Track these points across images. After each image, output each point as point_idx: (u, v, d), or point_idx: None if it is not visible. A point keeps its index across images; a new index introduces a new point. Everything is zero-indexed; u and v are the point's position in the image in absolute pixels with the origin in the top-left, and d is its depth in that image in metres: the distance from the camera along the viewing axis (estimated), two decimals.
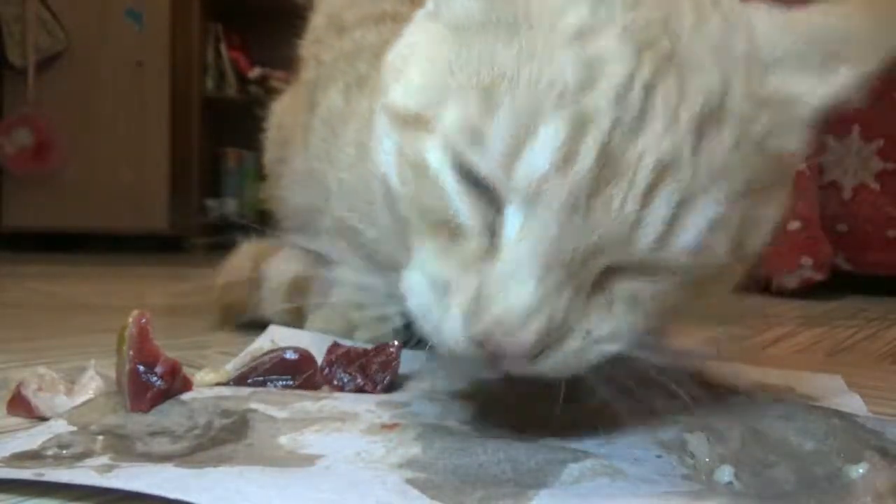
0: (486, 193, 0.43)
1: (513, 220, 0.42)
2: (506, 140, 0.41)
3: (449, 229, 0.44)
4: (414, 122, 0.46)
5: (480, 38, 0.44)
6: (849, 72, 0.44)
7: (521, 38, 0.42)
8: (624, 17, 0.42)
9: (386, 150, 0.48)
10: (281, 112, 1.07)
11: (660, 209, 0.40)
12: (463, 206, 0.43)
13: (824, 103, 0.45)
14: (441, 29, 0.48)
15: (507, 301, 0.40)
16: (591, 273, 0.43)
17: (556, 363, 0.43)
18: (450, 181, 0.44)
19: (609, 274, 0.43)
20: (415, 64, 0.48)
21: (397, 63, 0.50)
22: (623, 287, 0.44)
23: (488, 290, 0.41)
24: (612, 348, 0.45)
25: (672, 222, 0.41)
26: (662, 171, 0.40)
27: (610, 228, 0.40)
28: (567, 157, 0.39)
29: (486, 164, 0.42)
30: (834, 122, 0.47)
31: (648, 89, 0.40)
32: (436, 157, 0.44)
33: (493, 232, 0.43)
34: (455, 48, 0.45)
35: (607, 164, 0.40)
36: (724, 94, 0.42)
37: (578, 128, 0.39)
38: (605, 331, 0.44)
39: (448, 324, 0.43)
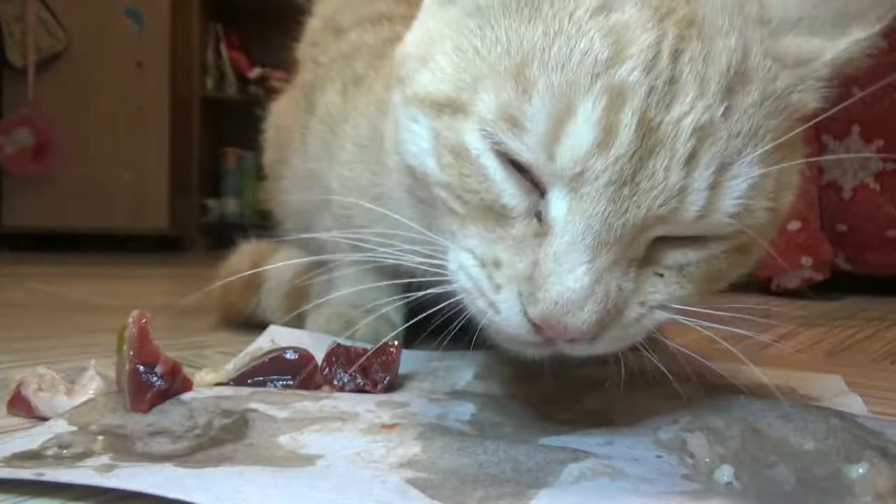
0: (529, 176, 0.43)
1: (559, 202, 0.42)
2: (544, 122, 0.41)
3: (494, 213, 0.44)
4: (449, 108, 0.46)
5: (502, 20, 0.44)
6: (858, 31, 0.45)
7: (544, 17, 0.42)
8: None
9: (417, 137, 0.48)
10: (279, 113, 1.07)
11: (703, 175, 0.41)
12: (507, 189, 0.44)
13: (838, 61, 0.45)
14: (458, 14, 0.48)
15: (563, 284, 0.40)
16: (640, 246, 0.43)
17: (614, 338, 0.44)
18: (492, 165, 0.44)
19: (657, 246, 0.44)
20: (441, 52, 0.48)
21: (416, 53, 0.50)
22: (671, 258, 0.45)
23: (542, 273, 0.41)
24: (665, 315, 0.45)
25: (715, 188, 0.41)
26: (700, 136, 0.40)
27: (657, 200, 0.41)
28: (607, 132, 0.40)
29: (527, 150, 0.42)
30: (834, 123, 0.48)
31: (675, 56, 0.41)
32: (475, 142, 0.44)
33: (538, 213, 0.43)
34: (479, 33, 0.46)
35: (646, 137, 0.40)
36: (745, 54, 0.43)
37: (615, 100, 0.40)
38: (658, 299, 0.45)
39: (504, 304, 0.43)
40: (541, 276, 0.41)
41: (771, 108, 0.43)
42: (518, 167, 0.43)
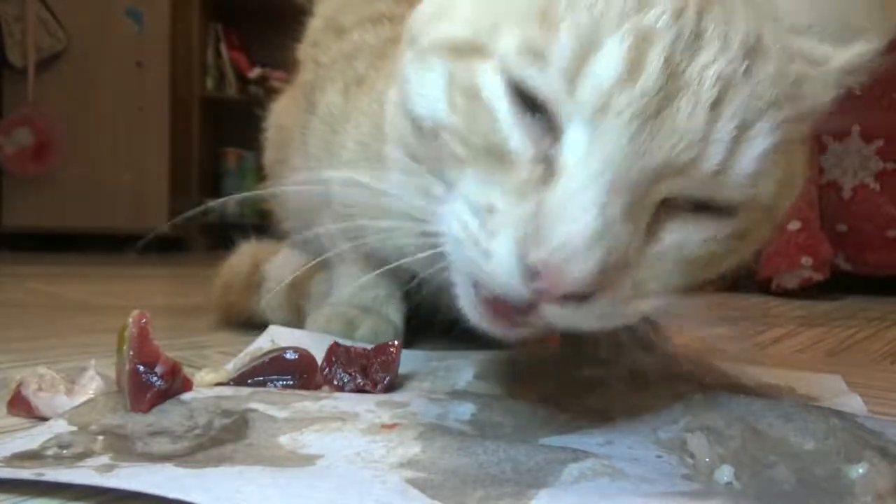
0: (543, 120, 0.42)
1: (576, 139, 0.41)
2: (569, 55, 0.40)
3: (497, 157, 0.44)
4: (467, 49, 0.46)
5: None
6: (863, 45, 0.45)
7: None
8: None
9: (429, 85, 0.48)
10: (279, 113, 1.07)
11: (726, 127, 0.41)
12: (517, 131, 0.43)
13: (847, 68, 0.46)
14: None
15: (572, 224, 0.38)
16: (650, 204, 0.42)
17: (599, 311, 0.42)
18: (504, 105, 0.43)
19: (661, 216, 0.43)
20: (461, 2, 0.48)
21: (430, 10, 0.51)
22: (673, 233, 0.44)
23: (548, 213, 0.39)
24: (649, 307, 0.44)
25: (735, 144, 0.41)
26: (724, 86, 0.41)
27: (679, 144, 0.40)
28: (633, 68, 0.40)
29: (548, 83, 0.41)
30: (834, 123, 0.48)
31: (700, 14, 0.41)
32: (490, 82, 0.44)
33: (546, 161, 0.42)
34: None
35: (671, 79, 0.40)
36: (760, 33, 0.43)
37: (642, 40, 0.40)
38: (651, 285, 0.44)
39: (498, 250, 0.41)
40: (546, 216, 0.39)
41: (785, 89, 0.43)
42: (533, 109, 0.43)
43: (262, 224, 1.12)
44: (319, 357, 0.60)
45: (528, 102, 0.43)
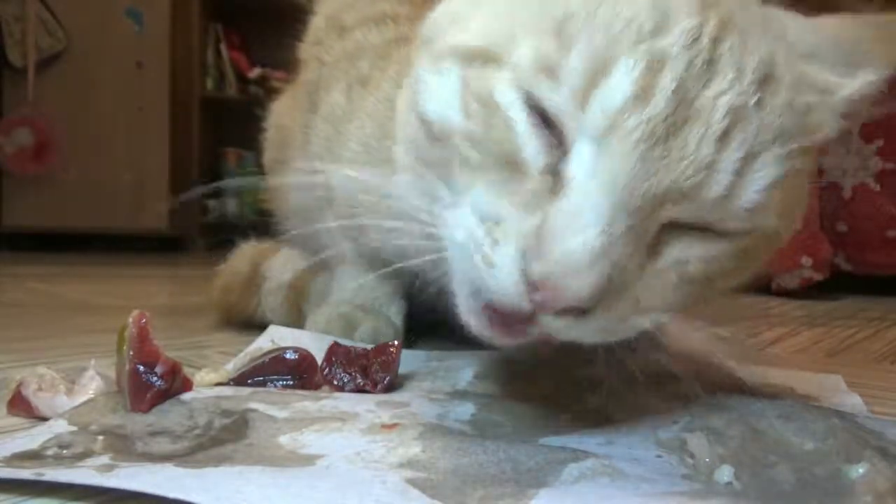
0: (554, 133, 0.43)
1: (583, 156, 0.41)
2: (581, 74, 0.41)
3: (508, 167, 0.44)
4: (482, 58, 0.46)
5: None
6: (867, 76, 0.46)
7: None
8: None
9: (443, 89, 0.48)
10: (280, 113, 1.07)
11: (732, 157, 0.41)
12: (530, 141, 0.43)
13: (854, 97, 0.46)
14: None
15: (574, 241, 0.39)
16: (653, 226, 0.42)
17: (598, 326, 0.43)
18: (519, 117, 0.43)
19: (664, 235, 0.43)
20: (478, 10, 0.48)
21: (448, 13, 0.51)
22: (675, 251, 0.44)
23: (551, 227, 0.40)
24: (649, 322, 0.45)
25: (740, 174, 0.41)
26: (734, 118, 0.41)
27: (685, 172, 0.40)
28: (643, 93, 0.40)
29: (559, 99, 0.42)
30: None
31: (715, 42, 0.42)
32: (506, 92, 0.44)
33: (555, 174, 0.42)
34: None
35: (681, 106, 0.40)
36: (774, 61, 0.43)
37: (654, 66, 0.40)
38: (651, 302, 0.44)
39: (501, 260, 0.41)
40: (549, 231, 0.40)
41: (794, 119, 0.43)
42: (545, 121, 0.43)
43: (262, 224, 1.12)
44: (319, 357, 0.60)
45: (541, 114, 0.43)
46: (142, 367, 0.50)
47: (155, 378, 0.50)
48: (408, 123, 0.54)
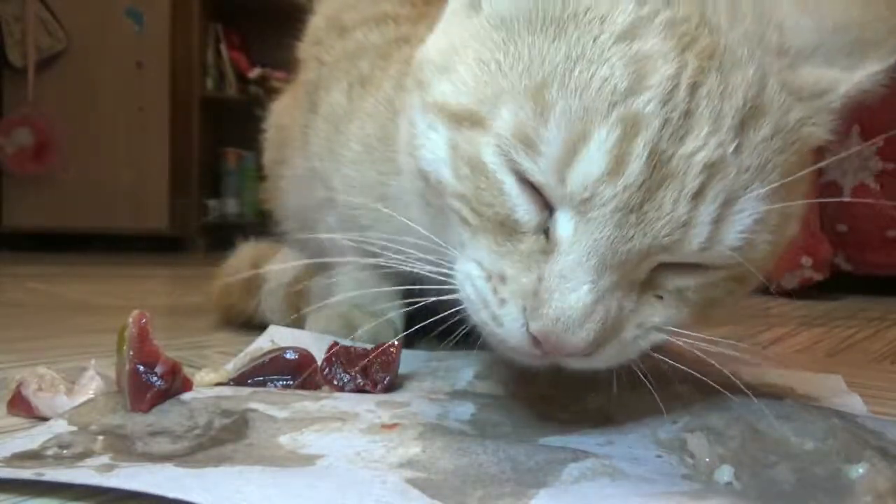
0: (540, 194, 0.44)
1: (566, 223, 0.43)
2: (558, 147, 0.41)
3: (504, 225, 0.45)
4: (469, 120, 0.46)
5: (527, 36, 0.45)
6: (874, 64, 0.45)
7: (568, 39, 0.43)
8: (665, 12, 0.42)
9: (434, 145, 0.48)
10: (280, 113, 1.07)
11: (708, 209, 0.41)
12: (521, 204, 0.44)
13: (852, 93, 0.46)
14: (483, 24, 0.48)
15: (565, 302, 0.41)
16: (643, 271, 0.44)
17: (609, 356, 0.45)
18: (508, 181, 0.44)
19: (659, 270, 0.45)
20: (462, 62, 0.48)
21: (438, 59, 0.50)
22: (671, 282, 0.46)
23: (545, 289, 0.42)
24: (661, 336, 0.47)
25: (719, 222, 0.42)
26: (710, 173, 0.41)
27: (662, 231, 0.41)
28: (619, 161, 0.40)
29: (539, 172, 0.43)
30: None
31: (693, 89, 0.41)
32: (492, 157, 0.45)
33: (546, 231, 0.44)
34: (503, 47, 0.46)
35: (656, 169, 0.41)
36: (762, 87, 0.43)
37: (629, 131, 0.40)
38: (655, 320, 0.46)
39: (507, 317, 0.44)
40: (544, 292, 0.42)
41: (781, 143, 0.43)
42: (531, 185, 0.44)
43: (261, 224, 1.12)
44: (319, 357, 0.60)
45: (526, 179, 0.44)
46: (142, 367, 0.50)
47: (155, 378, 0.50)
48: (408, 164, 0.55)
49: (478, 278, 0.46)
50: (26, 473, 0.39)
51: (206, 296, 1.05)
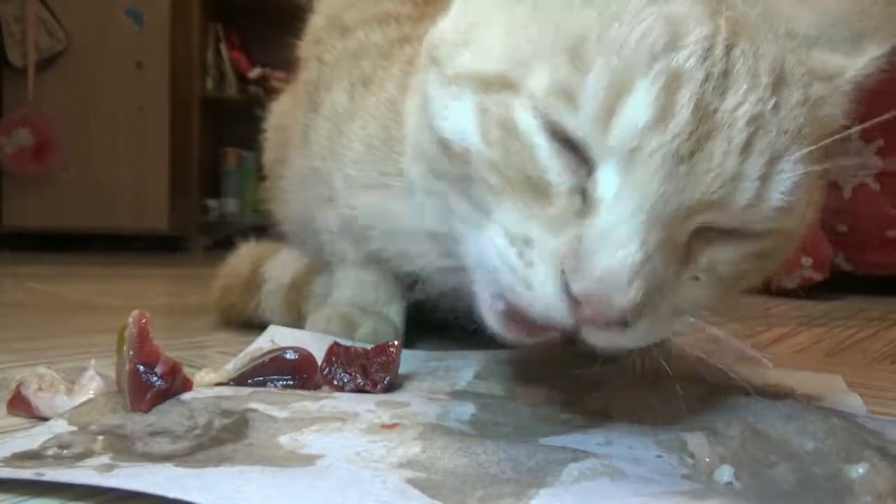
0: (578, 154, 0.43)
1: (610, 178, 0.42)
2: (600, 98, 0.41)
3: (534, 188, 0.44)
4: (498, 84, 0.46)
5: (554, 2, 0.45)
6: (874, 49, 0.46)
7: (597, 1, 0.43)
8: None
9: (459, 113, 0.48)
10: (280, 113, 1.07)
11: (757, 164, 0.42)
12: (554, 166, 0.44)
13: (858, 78, 0.47)
14: None
15: (613, 257, 0.40)
16: (685, 235, 0.43)
17: (642, 332, 0.44)
18: (541, 142, 0.44)
19: (696, 239, 0.44)
20: (488, 32, 0.48)
21: (457, 36, 0.51)
22: (707, 255, 0.45)
23: (589, 246, 0.41)
24: (688, 321, 0.46)
25: (765, 180, 0.42)
26: (755, 127, 0.41)
27: (713, 184, 0.41)
28: (664, 112, 0.40)
29: (580, 125, 0.42)
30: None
31: (729, 50, 0.42)
32: (525, 119, 0.44)
33: (582, 193, 0.43)
34: (531, 14, 0.46)
35: (702, 121, 0.41)
36: (783, 59, 0.44)
37: (672, 83, 0.40)
38: (686, 305, 0.45)
39: (538, 281, 0.43)
40: (588, 250, 0.41)
41: (809, 115, 0.44)
42: (567, 144, 0.43)
43: (262, 224, 1.12)
44: (319, 357, 0.60)
45: (562, 138, 0.43)
46: (142, 367, 0.50)
47: (155, 378, 0.50)
48: (420, 139, 0.55)
49: (501, 240, 0.45)
50: (26, 473, 0.39)
51: (206, 296, 1.05)
